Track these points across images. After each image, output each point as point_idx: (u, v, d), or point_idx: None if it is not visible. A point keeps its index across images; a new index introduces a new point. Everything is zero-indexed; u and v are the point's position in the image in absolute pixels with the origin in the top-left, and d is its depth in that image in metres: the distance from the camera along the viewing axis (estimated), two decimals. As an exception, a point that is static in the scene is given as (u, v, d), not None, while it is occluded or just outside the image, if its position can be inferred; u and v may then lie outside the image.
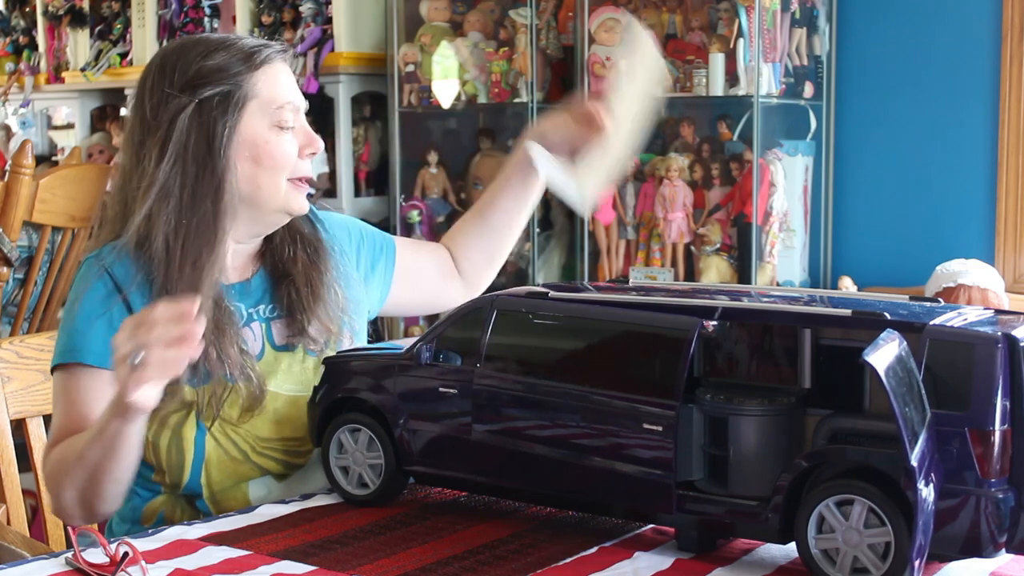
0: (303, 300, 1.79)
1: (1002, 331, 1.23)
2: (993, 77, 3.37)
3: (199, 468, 1.72)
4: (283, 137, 1.75)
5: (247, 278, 1.82)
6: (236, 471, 1.73)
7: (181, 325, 1.43)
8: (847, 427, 1.28)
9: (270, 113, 1.74)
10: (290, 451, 1.76)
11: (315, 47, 4.09)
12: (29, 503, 1.98)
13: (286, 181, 1.76)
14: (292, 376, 1.78)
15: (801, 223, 3.56)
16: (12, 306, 3.45)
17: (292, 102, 1.76)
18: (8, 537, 1.67)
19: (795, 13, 3.45)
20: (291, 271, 1.82)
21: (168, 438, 1.71)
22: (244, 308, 1.79)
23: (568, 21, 3.69)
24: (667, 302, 1.41)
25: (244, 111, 1.73)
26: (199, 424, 1.71)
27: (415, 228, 3.97)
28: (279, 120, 1.74)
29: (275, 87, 1.75)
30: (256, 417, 1.73)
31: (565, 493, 1.44)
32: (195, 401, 1.71)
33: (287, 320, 1.80)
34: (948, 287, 2.96)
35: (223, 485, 1.73)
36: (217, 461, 1.72)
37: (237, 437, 1.73)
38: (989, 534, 1.22)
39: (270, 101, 1.74)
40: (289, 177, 1.76)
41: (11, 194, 3.26)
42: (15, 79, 5.68)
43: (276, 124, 1.74)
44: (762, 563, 1.35)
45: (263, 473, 1.75)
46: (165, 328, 1.43)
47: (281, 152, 1.75)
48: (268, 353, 1.78)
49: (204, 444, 1.72)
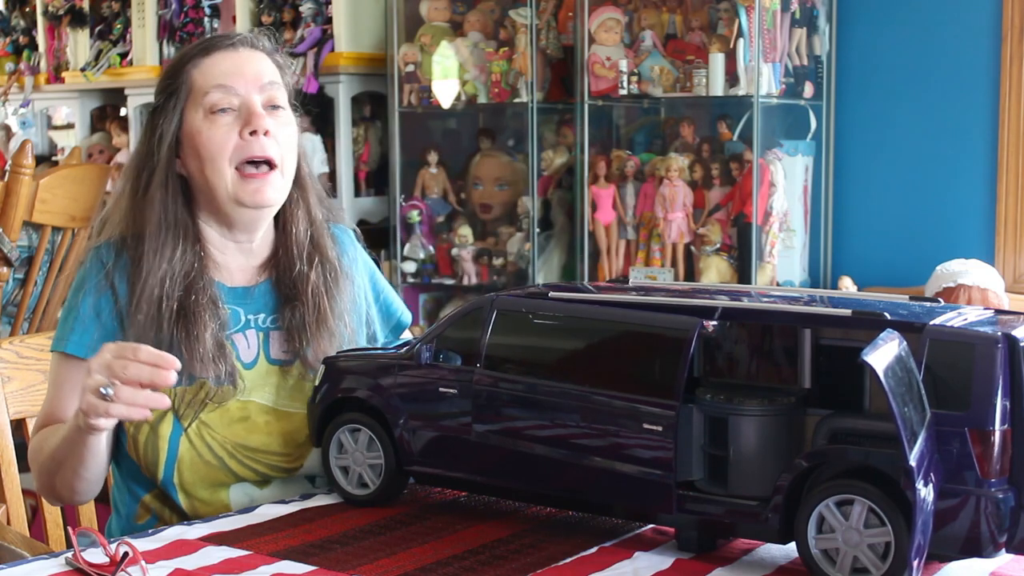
0: (307, 326, 1.77)
1: (1002, 331, 1.23)
2: (993, 77, 3.37)
3: (171, 467, 1.71)
4: (217, 122, 1.72)
5: (252, 284, 1.81)
6: (209, 475, 1.72)
7: (157, 373, 1.48)
8: (847, 427, 1.28)
9: (201, 102, 1.73)
10: (275, 465, 1.75)
11: (315, 47, 4.09)
12: (29, 503, 1.98)
13: (232, 169, 1.72)
14: (285, 391, 1.76)
15: (801, 223, 3.55)
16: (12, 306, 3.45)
17: (224, 84, 1.73)
18: (8, 537, 1.67)
19: (795, 13, 3.44)
20: (300, 291, 1.79)
21: (146, 433, 1.72)
22: (243, 313, 1.79)
23: (568, 21, 3.69)
24: (667, 302, 1.41)
25: (185, 107, 1.74)
26: (176, 423, 1.71)
27: (415, 228, 3.97)
28: (209, 105, 1.72)
29: (207, 75, 1.74)
30: (242, 426, 1.73)
31: (565, 493, 1.44)
32: (172, 401, 1.71)
33: (286, 335, 1.78)
34: (948, 287, 2.96)
35: (196, 488, 1.72)
36: (190, 462, 1.71)
37: (214, 442, 1.72)
38: (989, 534, 1.22)
39: (200, 89, 1.74)
40: (234, 163, 1.72)
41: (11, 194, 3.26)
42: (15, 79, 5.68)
43: (207, 110, 1.73)
44: (762, 563, 1.35)
45: (239, 480, 1.74)
46: (140, 369, 1.48)
47: (211, 139, 1.72)
48: (262, 364, 1.77)
49: (178, 444, 1.71)
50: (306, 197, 1.84)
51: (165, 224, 1.73)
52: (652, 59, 3.47)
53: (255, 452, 1.73)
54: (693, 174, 3.47)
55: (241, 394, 1.73)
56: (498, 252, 3.88)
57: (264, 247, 1.83)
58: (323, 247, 1.83)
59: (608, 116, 3.72)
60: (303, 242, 1.82)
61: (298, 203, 1.83)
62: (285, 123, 1.77)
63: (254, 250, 1.82)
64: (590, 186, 3.58)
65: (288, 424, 1.74)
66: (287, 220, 1.83)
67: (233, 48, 1.77)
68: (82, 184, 3.52)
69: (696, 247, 3.46)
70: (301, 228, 1.82)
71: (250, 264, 1.82)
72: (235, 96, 1.73)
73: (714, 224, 3.43)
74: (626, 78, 3.48)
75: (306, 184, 1.85)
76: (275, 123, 1.75)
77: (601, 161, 3.58)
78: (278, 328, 1.79)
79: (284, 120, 1.77)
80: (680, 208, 3.45)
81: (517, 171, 3.89)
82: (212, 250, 1.79)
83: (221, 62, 1.75)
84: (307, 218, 1.84)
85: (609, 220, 3.58)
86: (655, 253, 3.51)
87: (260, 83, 1.75)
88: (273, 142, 1.73)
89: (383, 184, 4.20)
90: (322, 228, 1.86)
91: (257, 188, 1.73)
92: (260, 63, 1.78)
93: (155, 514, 1.77)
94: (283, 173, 1.76)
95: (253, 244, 1.81)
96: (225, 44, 1.78)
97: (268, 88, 1.76)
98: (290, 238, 1.82)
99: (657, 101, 3.60)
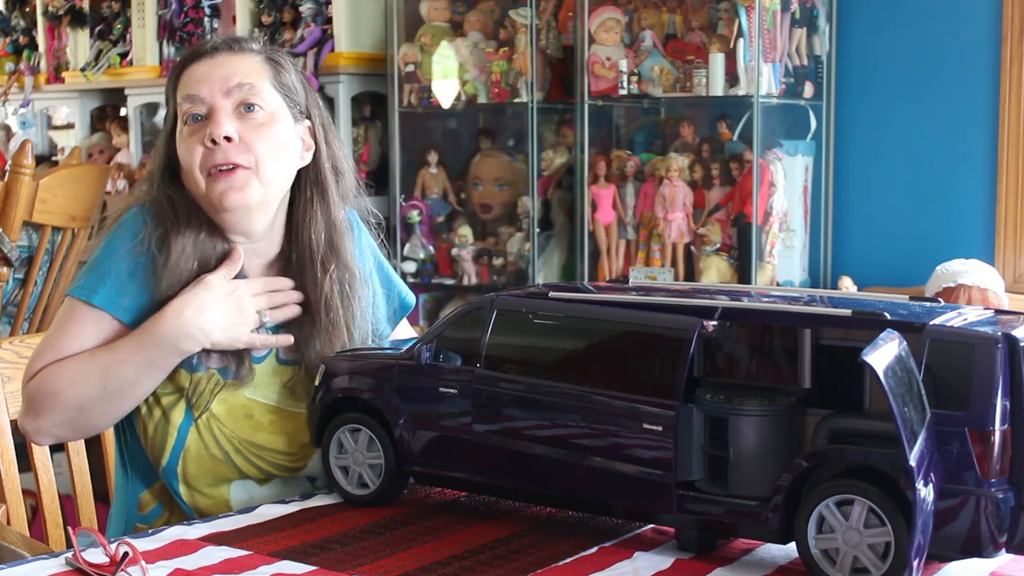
0: (317, 335, 1.75)
1: (1002, 331, 1.23)
2: (993, 77, 3.37)
3: (177, 456, 1.71)
4: (188, 133, 1.72)
5: None
6: (213, 468, 1.72)
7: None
8: (847, 427, 1.28)
9: (179, 112, 1.74)
10: (279, 464, 1.75)
11: (315, 47, 4.09)
12: (29, 503, 1.98)
13: (204, 176, 1.71)
14: (291, 391, 1.76)
15: (801, 223, 3.55)
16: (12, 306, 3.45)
17: (192, 93, 1.72)
18: (8, 537, 1.67)
19: (795, 13, 3.44)
20: (313, 300, 1.76)
21: (158, 417, 1.72)
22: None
23: (568, 21, 3.69)
24: (667, 302, 1.41)
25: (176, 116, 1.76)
26: (188, 412, 1.71)
27: (415, 228, 3.97)
28: (183, 115, 1.73)
29: (185, 84, 1.74)
30: (248, 423, 1.73)
31: (565, 493, 1.44)
32: (186, 388, 1.71)
33: (295, 341, 1.76)
34: (948, 287, 2.96)
35: (198, 480, 1.73)
36: (196, 454, 1.71)
37: (222, 436, 1.72)
38: (989, 534, 1.22)
39: (179, 99, 1.74)
40: (204, 171, 1.71)
41: (11, 194, 3.26)
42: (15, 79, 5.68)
43: (183, 121, 1.73)
44: (762, 563, 1.35)
45: (242, 476, 1.74)
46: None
47: (185, 148, 1.72)
48: (271, 362, 1.77)
49: (187, 434, 1.71)
50: (325, 196, 1.79)
51: (186, 220, 1.73)
52: (652, 59, 3.47)
53: (260, 449, 1.73)
54: (693, 174, 3.47)
55: (249, 388, 1.73)
56: (498, 252, 3.88)
57: (271, 247, 1.80)
58: (341, 250, 1.79)
59: (608, 116, 3.72)
60: (318, 245, 1.77)
61: (312, 202, 1.78)
62: (260, 123, 1.72)
63: (259, 250, 1.79)
64: (590, 186, 3.58)
65: (294, 424, 1.74)
66: (300, 222, 1.78)
67: (209, 55, 1.75)
68: (82, 184, 3.52)
69: (696, 247, 3.46)
70: (316, 231, 1.77)
71: (257, 263, 1.80)
72: (202, 104, 1.71)
73: (714, 224, 3.43)
74: (626, 78, 3.48)
75: (326, 184, 1.80)
76: (244, 125, 1.71)
77: (601, 161, 3.58)
78: (289, 329, 1.77)
79: (259, 120, 1.72)
80: (680, 208, 3.45)
81: (517, 171, 3.89)
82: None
83: (196, 70, 1.74)
84: (325, 220, 1.78)
85: (609, 220, 3.58)
86: (655, 253, 3.51)
87: (227, 86, 1.71)
88: (239, 146, 1.69)
89: (383, 184, 4.19)
90: (344, 230, 1.80)
91: (224, 191, 1.69)
92: (234, 65, 1.74)
93: (160, 503, 1.77)
94: (258, 173, 1.70)
95: (254, 245, 1.78)
96: (204, 51, 1.76)
97: (238, 90, 1.71)
98: (301, 240, 1.77)
99: (657, 101, 3.60)
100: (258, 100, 1.73)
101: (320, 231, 1.78)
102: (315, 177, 1.79)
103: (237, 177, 1.69)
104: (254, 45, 1.80)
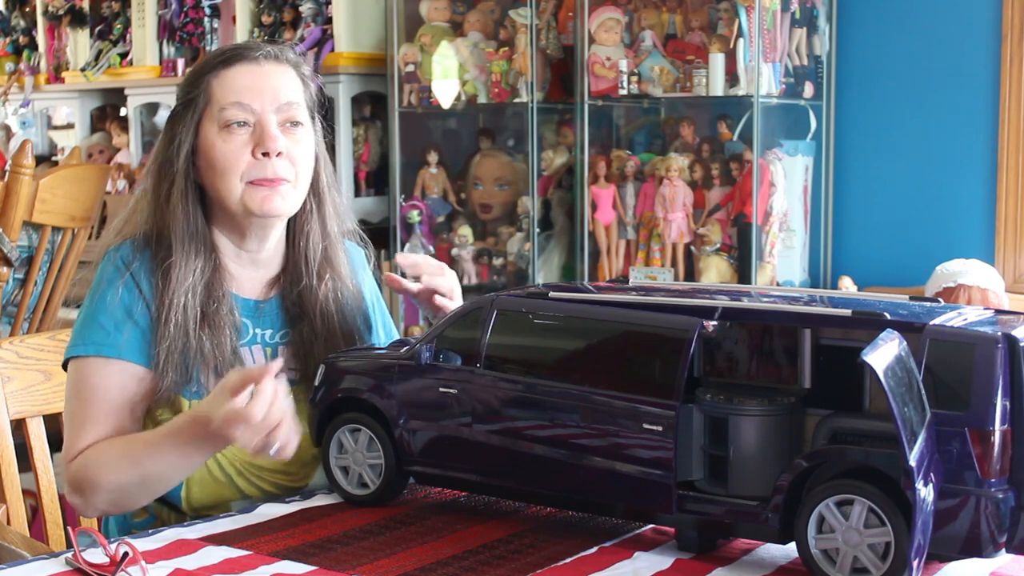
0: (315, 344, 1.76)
1: (1002, 331, 1.23)
2: (993, 77, 3.37)
3: (180, 483, 1.71)
4: (231, 138, 1.71)
5: (262, 298, 1.81)
6: (217, 491, 1.73)
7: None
8: (847, 427, 1.28)
9: (217, 115, 1.72)
10: (281, 484, 1.75)
11: (315, 47, 4.09)
12: (29, 503, 1.98)
13: (243, 184, 1.71)
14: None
15: (801, 223, 3.55)
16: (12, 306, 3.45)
17: (240, 101, 1.71)
18: (8, 537, 1.67)
19: (795, 13, 3.44)
20: (308, 307, 1.78)
21: None
22: (251, 326, 1.78)
23: (568, 21, 3.69)
24: (667, 302, 1.41)
25: (203, 116, 1.73)
26: None
27: (415, 228, 3.97)
28: (224, 120, 1.71)
29: (226, 88, 1.73)
30: None
31: (565, 493, 1.44)
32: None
33: (293, 351, 1.77)
34: (948, 287, 2.96)
35: (203, 504, 1.73)
36: (199, 479, 1.72)
37: (224, 459, 1.72)
38: (989, 534, 1.22)
39: (218, 102, 1.72)
40: (246, 180, 1.71)
41: (11, 194, 3.26)
42: (15, 79, 5.68)
43: (223, 125, 1.72)
44: (762, 563, 1.35)
45: (244, 497, 1.74)
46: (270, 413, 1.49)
47: (224, 154, 1.71)
48: None
49: None
50: (323, 209, 1.82)
51: (188, 235, 1.72)
52: (652, 59, 3.47)
53: (261, 470, 1.73)
54: (693, 174, 3.46)
55: None
56: (498, 252, 3.88)
57: (275, 259, 1.82)
58: (335, 262, 1.82)
59: (608, 116, 3.72)
60: (315, 255, 1.80)
61: (312, 214, 1.81)
62: (300, 140, 1.75)
63: (265, 261, 1.80)
64: (590, 186, 3.58)
65: None
66: (299, 232, 1.81)
67: (256, 62, 1.75)
68: (82, 184, 3.52)
69: (696, 247, 3.46)
70: (313, 241, 1.81)
71: (260, 276, 1.81)
72: (251, 113, 1.72)
73: (714, 224, 3.43)
74: (626, 78, 3.48)
75: (324, 196, 1.83)
76: (290, 142, 1.73)
77: (601, 161, 3.58)
78: (286, 344, 1.79)
79: (300, 137, 1.75)
80: (680, 208, 3.45)
81: (517, 171, 3.89)
82: (226, 260, 1.78)
83: (241, 76, 1.73)
84: (321, 231, 1.82)
85: (609, 220, 3.58)
86: (655, 253, 3.51)
87: (278, 102, 1.73)
88: (286, 163, 1.72)
89: (383, 184, 4.20)
90: (337, 242, 1.84)
91: (266, 196, 1.71)
92: (281, 79, 1.75)
93: (152, 513, 1.77)
94: (296, 186, 1.74)
95: (263, 255, 1.80)
96: (249, 57, 1.75)
97: (287, 108, 1.73)
98: (300, 250, 1.80)
99: (657, 101, 3.60)
100: (301, 118, 1.76)
101: (318, 242, 1.81)
102: (315, 188, 1.81)
103: (280, 188, 1.72)
104: (290, 54, 1.81)
